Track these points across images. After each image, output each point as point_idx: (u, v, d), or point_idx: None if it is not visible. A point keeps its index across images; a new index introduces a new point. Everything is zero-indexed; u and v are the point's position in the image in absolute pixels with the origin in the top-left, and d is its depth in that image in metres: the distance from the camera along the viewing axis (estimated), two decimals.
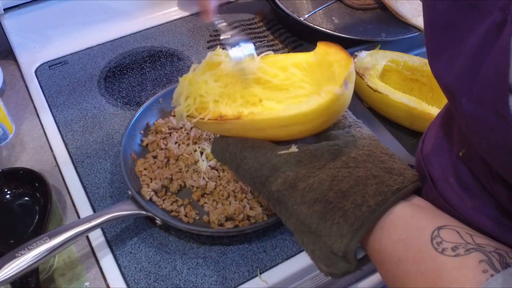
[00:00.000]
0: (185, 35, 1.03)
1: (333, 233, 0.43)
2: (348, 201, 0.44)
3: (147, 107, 0.80)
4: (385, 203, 0.43)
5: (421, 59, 0.86)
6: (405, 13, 0.97)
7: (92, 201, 0.73)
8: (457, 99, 0.38)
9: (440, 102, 0.84)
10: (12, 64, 0.97)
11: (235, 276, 0.65)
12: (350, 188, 0.45)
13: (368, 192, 0.44)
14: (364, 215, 0.43)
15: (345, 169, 0.46)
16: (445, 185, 0.48)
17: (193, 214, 0.69)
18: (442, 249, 0.39)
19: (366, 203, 0.43)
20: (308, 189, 0.46)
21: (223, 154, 0.54)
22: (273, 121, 0.49)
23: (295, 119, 0.48)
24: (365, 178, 0.45)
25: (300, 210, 0.46)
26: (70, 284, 0.65)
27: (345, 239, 0.43)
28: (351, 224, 0.43)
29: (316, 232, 0.45)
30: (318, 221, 0.45)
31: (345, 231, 0.43)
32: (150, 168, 0.73)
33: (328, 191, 0.45)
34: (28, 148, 0.81)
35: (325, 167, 0.47)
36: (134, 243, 0.68)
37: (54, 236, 0.59)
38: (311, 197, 0.46)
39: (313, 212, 0.45)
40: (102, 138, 0.82)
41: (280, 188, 0.48)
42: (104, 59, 0.97)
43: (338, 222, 0.43)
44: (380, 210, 0.43)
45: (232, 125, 0.51)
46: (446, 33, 0.40)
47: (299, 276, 0.69)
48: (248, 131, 0.52)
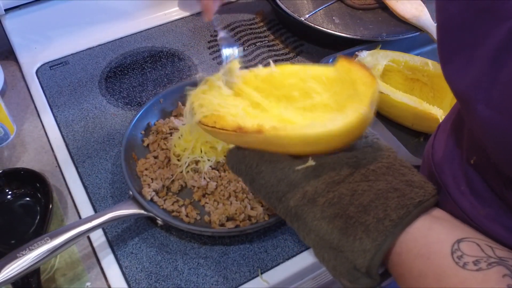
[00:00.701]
0: (186, 35, 1.03)
1: (355, 249, 0.43)
2: (370, 216, 0.43)
3: (148, 107, 0.80)
4: (408, 216, 0.42)
5: (422, 59, 0.86)
6: (406, 13, 0.97)
7: (93, 201, 0.73)
8: (471, 105, 0.37)
9: (441, 102, 0.84)
10: (13, 65, 0.97)
11: (236, 276, 0.65)
12: (371, 202, 0.44)
13: (390, 206, 0.43)
14: (387, 229, 0.42)
15: (365, 183, 0.45)
16: (458, 193, 0.47)
17: (194, 214, 0.69)
18: (463, 263, 0.38)
19: (388, 217, 0.42)
20: (328, 204, 0.45)
21: (239, 166, 0.52)
22: (296, 139, 0.47)
23: (320, 138, 0.47)
24: (385, 191, 0.44)
25: (320, 226, 0.45)
26: (71, 284, 0.65)
27: (368, 254, 0.42)
28: (374, 239, 0.42)
29: (337, 248, 0.44)
30: (340, 237, 0.44)
31: (368, 246, 0.42)
32: (151, 168, 0.73)
33: (349, 206, 0.44)
34: (29, 149, 0.81)
35: (344, 181, 0.46)
36: (135, 243, 0.68)
37: (55, 236, 0.59)
38: (331, 212, 0.45)
39: (334, 228, 0.44)
40: (103, 138, 0.82)
41: (298, 203, 0.47)
42: (105, 60, 0.97)
43: (360, 238, 0.42)
44: (402, 224, 0.42)
45: (253, 138, 0.49)
46: (459, 36, 0.39)
47: (300, 276, 0.69)
48: (268, 145, 0.50)
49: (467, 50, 0.38)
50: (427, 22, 0.94)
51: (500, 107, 0.34)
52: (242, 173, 0.52)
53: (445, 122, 0.55)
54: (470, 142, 0.47)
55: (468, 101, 0.38)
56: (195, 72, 0.95)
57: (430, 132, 0.81)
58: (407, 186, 0.44)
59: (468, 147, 0.47)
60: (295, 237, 0.69)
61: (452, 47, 0.40)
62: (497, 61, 0.34)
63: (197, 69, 0.95)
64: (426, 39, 0.95)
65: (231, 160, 0.54)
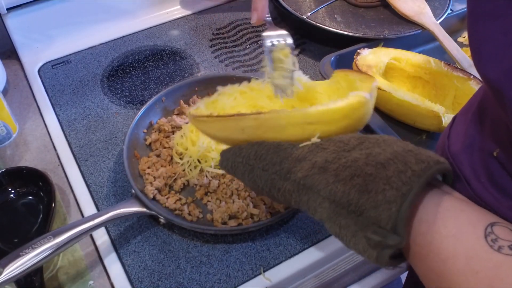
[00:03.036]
0: (188, 34, 1.03)
1: (379, 203, 0.40)
2: (390, 170, 0.41)
3: (150, 106, 0.80)
4: (430, 170, 0.40)
5: (424, 57, 0.86)
6: (408, 11, 0.96)
7: (95, 199, 0.73)
8: (505, 92, 0.36)
9: (443, 99, 0.84)
10: (15, 64, 0.97)
11: (239, 274, 0.65)
12: (388, 160, 0.42)
13: (409, 161, 0.41)
14: (410, 179, 0.39)
15: (377, 148, 0.44)
16: (478, 185, 0.46)
17: (197, 212, 0.69)
18: (498, 247, 0.36)
19: (410, 168, 0.40)
20: (342, 167, 0.43)
21: (235, 160, 0.50)
22: (297, 118, 0.47)
23: (321, 116, 0.46)
24: (401, 152, 0.42)
25: (335, 189, 0.42)
26: (74, 282, 0.65)
27: (394, 205, 0.39)
28: (398, 189, 0.39)
29: (357, 209, 0.41)
30: (359, 195, 0.41)
31: (392, 197, 0.39)
32: (153, 166, 0.73)
33: (365, 166, 0.42)
34: (31, 148, 0.81)
35: (355, 149, 0.44)
36: (137, 242, 0.68)
37: (58, 235, 0.59)
38: (347, 174, 0.42)
39: (351, 188, 0.42)
40: (106, 137, 0.82)
41: (308, 173, 0.44)
42: (107, 58, 0.97)
43: (383, 190, 0.40)
44: (426, 176, 0.40)
45: (251, 121, 0.49)
46: (491, 23, 0.37)
47: (303, 274, 0.69)
48: (267, 129, 0.49)
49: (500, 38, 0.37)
50: (429, 20, 0.94)
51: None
52: (239, 167, 0.50)
53: (463, 113, 0.54)
54: (493, 134, 0.46)
55: (501, 89, 0.37)
56: (197, 70, 0.95)
57: (432, 130, 0.81)
58: (421, 150, 0.43)
59: (491, 139, 0.46)
60: (298, 235, 0.69)
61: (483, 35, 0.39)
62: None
63: (199, 68, 0.95)
64: (428, 37, 0.95)
65: (226, 156, 0.52)
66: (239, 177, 0.52)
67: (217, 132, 0.53)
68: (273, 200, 0.66)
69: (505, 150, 0.44)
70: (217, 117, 0.50)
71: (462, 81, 0.82)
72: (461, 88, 0.82)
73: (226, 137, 0.53)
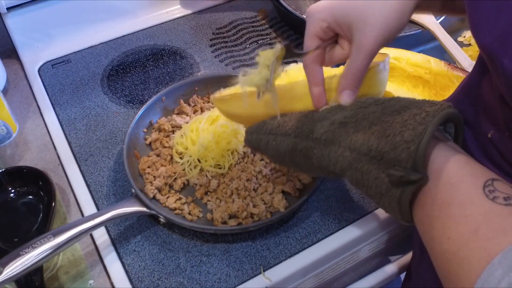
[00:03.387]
0: (188, 33, 1.03)
1: (397, 144, 0.42)
2: (406, 115, 0.43)
3: (150, 105, 0.80)
4: (443, 111, 0.42)
5: (424, 56, 0.86)
6: None
7: (95, 199, 0.73)
8: (497, 60, 0.37)
9: (443, 99, 0.84)
10: (15, 63, 0.97)
11: (239, 273, 0.65)
12: (403, 107, 0.44)
13: (423, 104, 0.44)
14: (425, 119, 0.42)
15: (392, 101, 0.46)
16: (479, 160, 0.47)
17: (197, 212, 0.69)
18: (493, 197, 0.37)
19: (424, 110, 0.43)
20: (361, 119, 0.46)
21: (259, 132, 0.54)
22: None
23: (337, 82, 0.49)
24: (414, 101, 0.45)
25: (356, 138, 0.45)
26: (74, 282, 0.65)
27: (412, 145, 0.41)
28: (415, 129, 0.42)
29: (377, 154, 0.44)
30: (379, 140, 0.44)
31: (410, 136, 0.42)
32: (153, 166, 0.73)
33: (382, 115, 0.45)
34: (31, 147, 0.81)
35: (371, 104, 0.47)
36: (137, 241, 0.68)
37: (58, 234, 0.59)
38: (365, 124, 0.45)
39: (371, 134, 0.45)
40: (106, 137, 0.82)
41: (329, 129, 0.47)
42: (107, 58, 0.97)
43: (400, 132, 0.42)
44: (439, 116, 0.42)
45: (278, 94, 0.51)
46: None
47: (303, 274, 0.69)
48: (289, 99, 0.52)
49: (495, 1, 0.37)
50: (429, 19, 0.94)
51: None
52: (263, 138, 0.54)
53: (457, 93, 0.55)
54: (488, 115, 0.46)
55: (494, 55, 0.37)
56: (197, 70, 0.95)
57: None
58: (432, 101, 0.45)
59: (486, 120, 0.47)
60: (298, 235, 0.69)
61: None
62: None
63: (199, 67, 0.95)
64: (428, 36, 0.95)
65: (251, 130, 0.55)
66: (263, 148, 0.55)
67: (240, 110, 0.57)
68: (294, 169, 0.69)
69: (499, 131, 0.45)
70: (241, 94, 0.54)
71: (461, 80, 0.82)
72: None
73: (249, 114, 0.57)
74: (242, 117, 0.59)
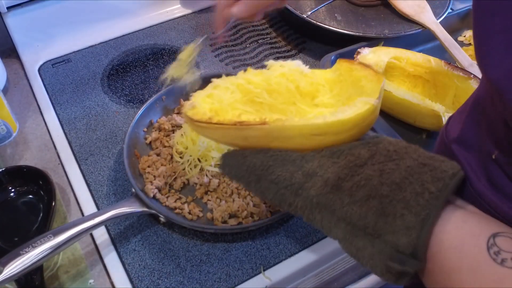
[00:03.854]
0: (188, 33, 1.03)
1: (397, 228, 0.39)
2: (407, 192, 0.40)
3: (150, 104, 0.80)
4: (447, 188, 0.39)
5: (424, 56, 0.86)
6: (408, 10, 0.96)
7: (95, 198, 0.73)
8: (505, 95, 0.36)
9: (443, 99, 0.84)
10: (15, 63, 0.97)
11: (239, 273, 0.65)
12: (404, 179, 0.40)
13: (425, 180, 0.40)
14: (429, 202, 0.39)
15: (390, 162, 0.42)
16: (478, 184, 0.45)
17: (197, 211, 0.69)
18: (501, 259, 0.36)
19: (427, 190, 0.39)
20: (356, 187, 0.41)
21: (239, 169, 0.47)
22: (305, 129, 0.45)
23: (329, 127, 0.45)
24: (415, 167, 0.41)
25: (351, 211, 0.41)
26: (74, 281, 0.65)
27: (414, 232, 0.38)
28: (417, 214, 0.38)
29: (374, 232, 0.40)
30: (376, 219, 0.40)
31: (412, 222, 0.38)
32: (153, 165, 0.73)
33: (380, 186, 0.41)
34: (31, 146, 0.81)
35: (367, 163, 0.43)
36: (137, 241, 0.68)
37: (58, 233, 0.59)
38: (362, 195, 0.41)
39: (368, 210, 0.41)
40: (106, 136, 0.82)
41: (321, 192, 0.43)
42: (107, 57, 0.97)
43: (402, 214, 0.39)
44: (443, 197, 0.39)
45: (255, 131, 0.46)
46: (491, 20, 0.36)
47: (303, 273, 0.69)
48: (272, 139, 0.46)
49: (505, 34, 0.36)
50: (430, 19, 0.94)
51: None
52: (244, 176, 0.47)
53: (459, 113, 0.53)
54: (491, 135, 0.45)
55: (502, 90, 0.36)
56: (198, 69, 0.95)
57: (432, 129, 0.81)
58: (434, 161, 0.42)
59: (489, 141, 0.45)
60: (298, 234, 0.69)
61: (487, 32, 0.38)
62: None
63: (199, 67, 0.95)
64: (428, 36, 0.95)
65: (229, 163, 0.49)
66: (244, 186, 0.50)
67: (218, 137, 0.51)
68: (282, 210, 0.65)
69: (503, 152, 0.43)
70: (218, 125, 0.48)
71: (462, 80, 0.82)
72: (461, 87, 0.82)
73: (227, 143, 0.51)
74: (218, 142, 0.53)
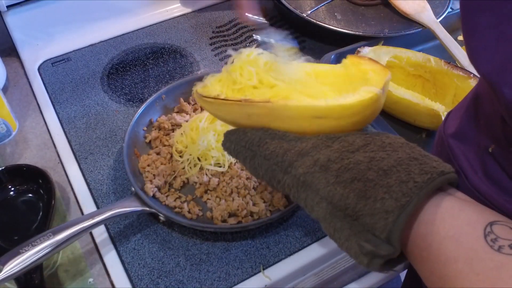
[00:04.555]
0: (188, 32, 1.03)
1: (376, 211, 0.39)
2: (392, 178, 0.40)
3: (150, 103, 0.80)
4: (433, 182, 0.39)
5: (424, 55, 0.86)
6: (408, 9, 0.96)
7: (95, 197, 0.73)
8: (497, 88, 0.36)
9: (443, 98, 0.84)
10: (15, 61, 0.97)
11: (238, 272, 0.65)
12: (391, 167, 0.41)
13: (412, 171, 0.40)
14: (411, 191, 0.39)
15: (382, 152, 0.42)
16: (475, 178, 0.45)
17: (197, 210, 0.69)
18: (498, 246, 0.35)
19: (412, 179, 0.39)
20: (344, 169, 0.42)
21: (238, 143, 0.49)
22: (307, 110, 0.46)
23: (330, 111, 0.45)
24: (406, 159, 0.41)
25: (334, 191, 0.42)
26: (74, 280, 0.65)
27: (391, 216, 0.38)
28: (398, 200, 0.38)
29: (354, 214, 0.40)
30: (357, 200, 0.40)
31: (391, 207, 0.38)
32: (153, 164, 0.73)
33: (367, 170, 0.41)
34: (31, 145, 0.81)
35: (359, 150, 0.43)
36: (137, 240, 0.68)
37: (57, 232, 0.59)
38: (347, 177, 0.41)
39: (350, 191, 0.41)
40: (105, 135, 0.82)
41: (309, 170, 0.43)
42: (107, 56, 0.97)
43: (382, 198, 0.39)
44: (428, 189, 0.39)
45: (259, 109, 0.47)
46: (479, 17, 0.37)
47: (303, 272, 0.69)
48: (274, 118, 0.48)
49: (493, 29, 0.36)
50: (429, 18, 0.94)
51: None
52: (241, 151, 0.49)
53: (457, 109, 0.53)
54: (488, 130, 0.45)
55: (494, 84, 0.36)
56: (197, 68, 0.95)
57: (432, 128, 0.81)
58: (426, 158, 0.42)
59: (486, 135, 0.45)
60: (297, 233, 0.69)
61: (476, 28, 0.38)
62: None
63: (199, 66, 0.95)
64: (428, 35, 0.95)
65: (230, 138, 0.50)
66: (241, 161, 0.51)
67: (223, 114, 0.52)
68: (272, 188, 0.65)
69: (500, 146, 0.43)
70: (223, 100, 0.49)
71: (462, 80, 0.82)
72: (461, 87, 0.82)
73: (232, 120, 0.52)
74: (223, 120, 0.54)
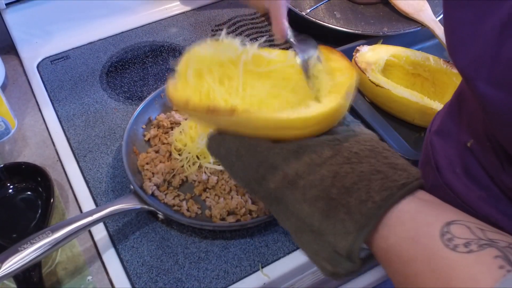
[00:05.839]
0: (187, 30, 1.03)
1: (337, 231, 0.41)
2: (352, 198, 0.42)
3: (149, 101, 0.80)
4: (391, 199, 0.41)
5: (423, 54, 0.86)
6: (407, 8, 0.96)
7: (94, 195, 0.73)
8: (471, 82, 0.37)
9: (442, 97, 0.84)
10: (14, 59, 0.97)
11: (237, 270, 0.65)
12: (353, 184, 0.42)
13: (373, 188, 0.41)
14: (370, 211, 0.40)
15: (347, 165, 0.44)
16: (452, 175, 0.46)
17: (195, 208, 0.69)
18: (453, 245, 0.36)
19: (371, 198, 0.41)
20: (309, 186, 0.44)
21: (218, 149, 0.51)
22: (269, 123, 0.46)
23: (293, 123, 0.46)
24: (368, 173, 0.43)
25: (301, 208, 0.44)
26: (73, 278, 0.65)
27: (350, 237, 0.40)
28: (357, 221, 0.41)
29: (318, 231, 0.43)
30: (321, 219, 0.42)
31: (350, 228, 0.41)
32: (152, 162, 0.73)
33: (331, 188, 0.43)
34: (30, 143, 0.81)
35: (326, 163, 0.45)
36: (136, 238, 0.68)
37: (56, 230, 0.59)
38: (312, 194, 0.43)
39: (315, 210, 0.43)
40: (104, 133, 0.82)
41: (279, 186, 0.45)
42: (106, 54, 0.97)
43: (342, 219, 0.41)
44: (386, 206, 0.41)
45: (225, 120, 0.48)
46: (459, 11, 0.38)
47: (301, 271, 0.69)
48: (242, 128, 0.49)
49: (471, 26, 0.37)
50: (429, 17, 0.94)
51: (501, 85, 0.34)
52: (222, 158, 0.51)
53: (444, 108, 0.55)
54: (469, 125, 0.46)
55: (469, 78, 0.37)
56: None
57: None
58: (390, 169, 0.43)
59: (466, 130, 0.46)
60: (292, 238, 0.69)
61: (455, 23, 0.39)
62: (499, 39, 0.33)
63: None
64: (427, 34, 0.95)
65: (211, 144, 0.52)
66: (223, 167, 0.53)
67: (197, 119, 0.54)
68: None
69: (479, 141, 0.44)
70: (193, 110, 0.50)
71: (461, 79, 0.82)
72: None
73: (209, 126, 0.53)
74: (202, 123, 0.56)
